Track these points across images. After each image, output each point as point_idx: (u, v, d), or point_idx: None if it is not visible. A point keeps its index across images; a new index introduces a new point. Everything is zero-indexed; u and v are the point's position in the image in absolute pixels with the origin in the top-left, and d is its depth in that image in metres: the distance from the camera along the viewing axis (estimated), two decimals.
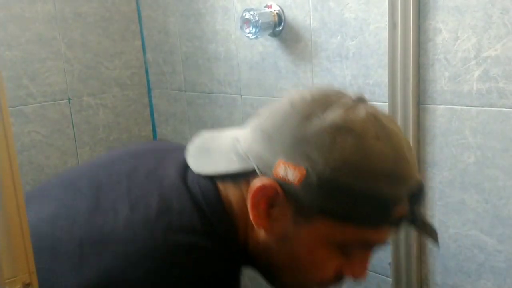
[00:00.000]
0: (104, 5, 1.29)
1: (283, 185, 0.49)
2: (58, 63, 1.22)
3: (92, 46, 1.28)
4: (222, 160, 0.55)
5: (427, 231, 0.55)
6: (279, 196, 0.49)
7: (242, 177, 0.52)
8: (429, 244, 0.84)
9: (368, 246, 0.54)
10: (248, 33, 0.94)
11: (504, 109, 0.71)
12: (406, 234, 0.85)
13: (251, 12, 0.92)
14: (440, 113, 0.78)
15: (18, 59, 1.14)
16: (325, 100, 0.51)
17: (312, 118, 0.49)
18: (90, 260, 0.48)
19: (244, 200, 0.52)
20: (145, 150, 0.65)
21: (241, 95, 1.12)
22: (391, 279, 0.90)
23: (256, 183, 0.49)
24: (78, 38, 1.25)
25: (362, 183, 0.47)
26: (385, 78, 0.82)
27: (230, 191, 0.53)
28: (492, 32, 0.69)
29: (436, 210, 0.82)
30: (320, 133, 0.48)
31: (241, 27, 0.94)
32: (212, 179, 0.54)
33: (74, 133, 1.26)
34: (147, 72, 1.39)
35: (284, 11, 0.96)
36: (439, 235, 0.82)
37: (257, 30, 0.93)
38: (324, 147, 0.47)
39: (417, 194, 0.51)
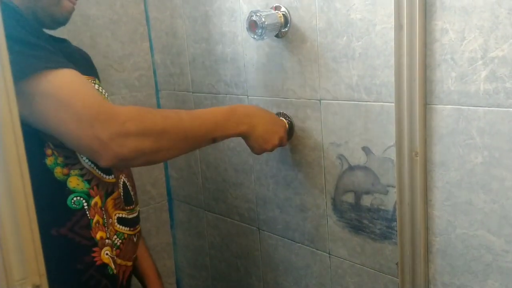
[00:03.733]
0: (112, 8, 1.30)
1: None
2: None
3: (100, 48, 1.29)
4: None
5: None
6: None
7: None
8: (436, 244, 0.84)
9: None
10: (254, 34, 0.94)
11: (511, 109, 0.70)
12: (412, 234, 0.85)
13: (258, 14, 0.92)
14: (447, 113, 0.77)
15: None
16: None
17: None
18: None
19: None
20: None
21: (248, 96, 1.12)
22: (398, 279, 0.90)
23: None
24: (87, 40, 1.26)
25: None
26: (391, 79, 0.82)
27: None
28: (499, 33, 0.69)
29: (444, 210, 0.82)
30: None
31: (248, 29, 0.95)
32: None
33: None
34: (155, 73, 1.40)
35: (290, 12, 0.96)
36: (447, 235, 0.82)
37: (263, 31, 0.93)
38: None
39: None
